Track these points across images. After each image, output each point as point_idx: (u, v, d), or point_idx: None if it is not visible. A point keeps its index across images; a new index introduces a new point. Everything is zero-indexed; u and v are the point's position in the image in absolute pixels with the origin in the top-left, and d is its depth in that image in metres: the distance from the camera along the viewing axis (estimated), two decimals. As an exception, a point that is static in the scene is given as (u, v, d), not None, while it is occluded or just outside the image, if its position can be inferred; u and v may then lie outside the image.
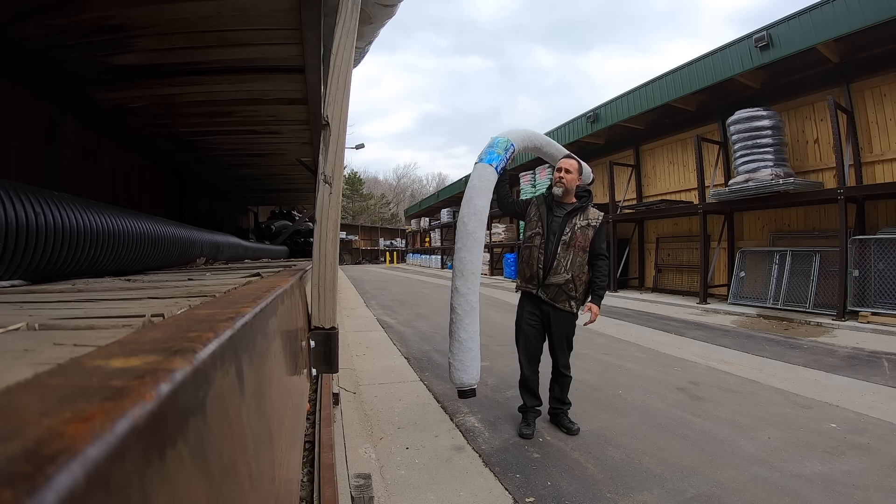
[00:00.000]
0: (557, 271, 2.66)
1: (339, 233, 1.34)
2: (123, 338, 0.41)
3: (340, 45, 1.31)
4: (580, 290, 2.70)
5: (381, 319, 7.32)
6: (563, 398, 2.87)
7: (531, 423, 2.80)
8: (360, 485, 1.73)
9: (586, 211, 2.75)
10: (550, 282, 2.68)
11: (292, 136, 3.82)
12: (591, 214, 2.74)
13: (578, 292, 2.70)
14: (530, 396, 2.83)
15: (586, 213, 2.74)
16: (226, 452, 0.35)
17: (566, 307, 2.70)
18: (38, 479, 0.15)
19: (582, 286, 2.71)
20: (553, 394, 2.89)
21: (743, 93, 8.30)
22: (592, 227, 2.70)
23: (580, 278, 2.69)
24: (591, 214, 2.74)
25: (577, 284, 2.68)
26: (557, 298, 2.69)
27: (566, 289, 2.66)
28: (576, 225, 2.69)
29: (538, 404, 2.85)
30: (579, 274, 2.68)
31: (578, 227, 2.69)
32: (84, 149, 3.00)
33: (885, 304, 5.99)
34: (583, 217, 2.72)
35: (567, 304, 2.69)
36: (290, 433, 0.84)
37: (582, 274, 2.69)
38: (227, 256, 3.59)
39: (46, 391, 0.24)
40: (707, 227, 8.75)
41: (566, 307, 2.70)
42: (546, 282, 2.68)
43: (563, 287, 2.66)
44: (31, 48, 2.09)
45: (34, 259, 1.23)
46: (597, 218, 2.74)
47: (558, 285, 2.66)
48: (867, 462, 2.34)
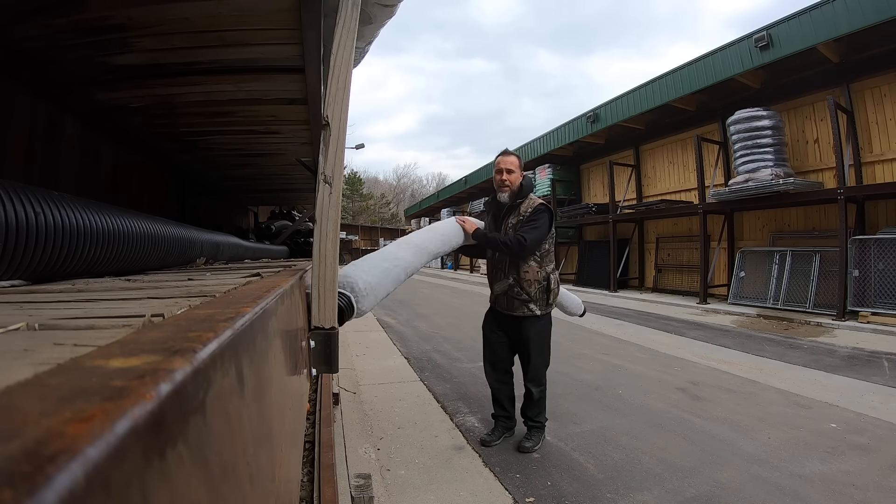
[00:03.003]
0: (498, 278, 2.54)
1: (339, 233, 1.34)
2: (123, 338, 0.41)
3: (340, 45, 1.31)
4: (534, 291, 2.47)
5: (381, 319, 7.33)
6: (528, 412, 2.61)
7: (495, 431, 2.67)
8: (360, 485, 1.74)
9: (519, 207, 2.52)
10: (497, 291, 2.55)
11: (292, 136, 3.81)
12: (522, 207, 2.51)
13: (532, 293, 2.47)
14: (497, 406, 2.70)
15: (518, 209, 2.52)
16: (226, 452, 0.35)
17: (523, 312, 2.50)
18: (38, 479, 0.15)
19: (534, 286, 2.46)
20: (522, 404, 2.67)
21: (743, 93, 8.31)
22: (522, 218, 2.48)
23: (527, 279, 2.46)
24: (522, 207, 2.51)
25: (523, 286, 2.46)
26: (510, 306, 2.52)
27: (513, 294, 2.48)
28: (508, 225, 2.52)
29: (505, 415, 2.69)
30: (523, 274, 2.46)
31: (510, 226, 2.51)
32: (84, 149, 3.00)
33: (885, 304, 5.99)
34: (515, 215, 2.52)
35: (523, 310, 2.49)
36: (290, 433, 0.84)
37: (527, 274, 2.46)
38: (227, 256, 3.59)
39: (46, 391, 0.24)
40: (707, 227, 8.75)
41: (523, 312, 2.50)
42: (495, 292, 2.56)
43: (510, 293, 2.49)
44: (31, 48, 2.09)
45: (34, 259, 1.23)
46: (528, 209, 2.49)
47: (504, 293, 2.51)
48: (867, 462, 2.34)
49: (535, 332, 2.51)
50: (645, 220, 11.10)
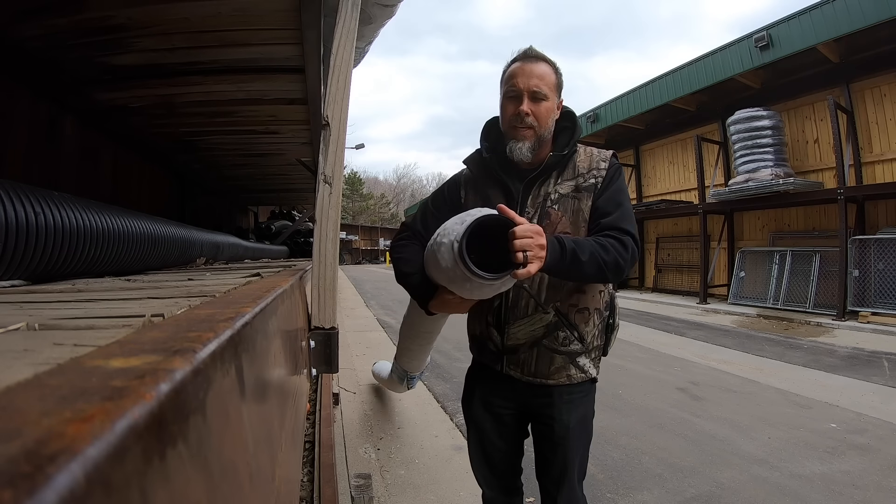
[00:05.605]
0: (526, 313, 1.18)
1: (339, 233, 1.34)
2: (123, 338, 0.41)
3: (340, 45, 1.31)
4: (591, 332, 1.22)
5: (381, 319, 7.32)
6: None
7: None
8: (360, 485, 1.74)
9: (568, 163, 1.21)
10: (517, 340, 1.20)
11: (292, 136, 3.82)
12: (581, 164, 1.20)
13: (588, 336, 1.21)
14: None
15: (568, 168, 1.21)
16: (226, 452, 0.35)
17: (567, 377, 1.21)
18: (38, 479, 0.15)
19: (592, 321, 1.22)
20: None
21: (743, 93, 8.31)
22: (588, 188, 1.18)
23: (581, 306, 1.19)
24: (581, 164, 1.20)
25: (575, 323, 1.19)
26: (543, 367, 1.20)
27: (555, 342, 1.19)
28: (549, 197, 1.18)
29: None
30: (576, 299, 1.19)
31: (555, 198, 1.18)
32: (84, 149, 3.00)
33: (885, 304, 5.99)
34: (563, 177, 1.20)
35: (568, 372, 1.21)
36: (290, 433, 0.84)
37: (582, 298, 1.19)
38: (226, 256, 3.59)
39: (46, 391, 0.24)
40: (707, 227, 8.75)
41: (567, 377, 1.21)
42: (508, 343, 1.21)
43: (548, 342, 1.19)
44: (31, 48, 2.09)
45: (34, 259, 1.23)
46: (595, 167, 1.20)
47: (535, 342, 1.19)
48: (867, 462, 2.34)
49: (579, 416, 1.25)
50: (645, 219, 11.09)
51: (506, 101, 1.19)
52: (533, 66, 1.17)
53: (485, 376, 1.32)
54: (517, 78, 1.16)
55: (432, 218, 1.25)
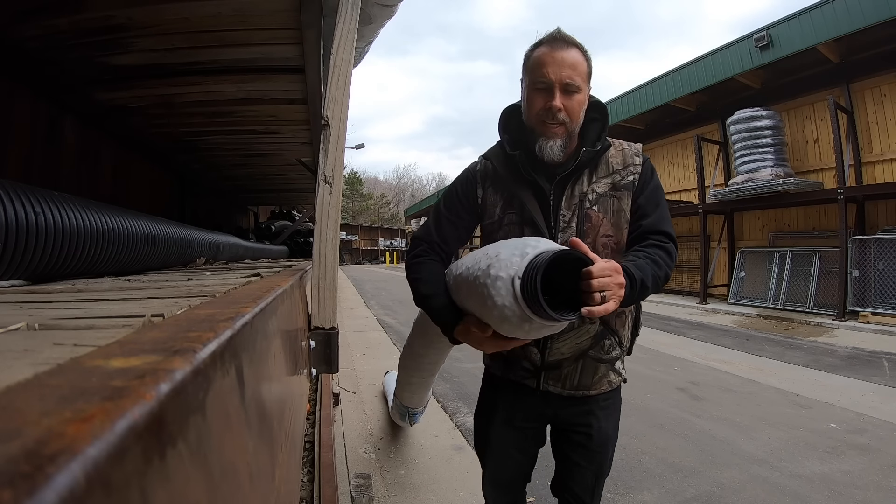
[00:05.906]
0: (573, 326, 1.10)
1: (339, 233, 1.34)
2: (123, 338, 0.41)
3: (340, 45, 1.31)
4: (625, 336, 1.20)
5: (381, 319, 7.32)
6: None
7: None
8: (360, 485, 1.74)
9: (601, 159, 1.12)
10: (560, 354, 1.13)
11: (292, 136, 3.82)
12: (615, 160, 1.12)
13: (625, 340, 1.20)
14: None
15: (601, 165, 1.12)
16: (226, 452, 0.35)
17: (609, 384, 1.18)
18: (38, 479, 0.15)
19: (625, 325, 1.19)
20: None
21: (743, 93, 8.31)
22: (626, 186, 1.10)
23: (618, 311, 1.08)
24: (615, 160, 1.12)
25: (616, 329, 1.16)
26: (586, 379, 1.16)
27: (600, 352, 1.15)
28: (586, 197, 1.09)
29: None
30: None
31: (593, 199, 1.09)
32: (84, 149, 3.00)
33: (885, 304, 5.99)
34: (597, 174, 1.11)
35: (608, 380, 1.18)
36: (290, 433, 0.84)
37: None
38: (227, 256, 3.59)
39: (46, 391, 0.24)
40: (707, 227, 8.75)
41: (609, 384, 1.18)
42: (550, 359, 1.13)
43: (593, 352, 1.14)
44: (31, 48, 2.09)
45: (34, 259, 1.23)
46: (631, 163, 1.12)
47: (581, 354, 1.13)
48: (867, 462, 2.34)
49: (615, 421, 1.27)
50: (645, 220, 11.10)
51: (533, 92, 1.05)
52: (564, 54, 1.03)
53: (511, 393, 1.21)
54: (547, 67, 1.02)
55: (449, 224, 1.16)
